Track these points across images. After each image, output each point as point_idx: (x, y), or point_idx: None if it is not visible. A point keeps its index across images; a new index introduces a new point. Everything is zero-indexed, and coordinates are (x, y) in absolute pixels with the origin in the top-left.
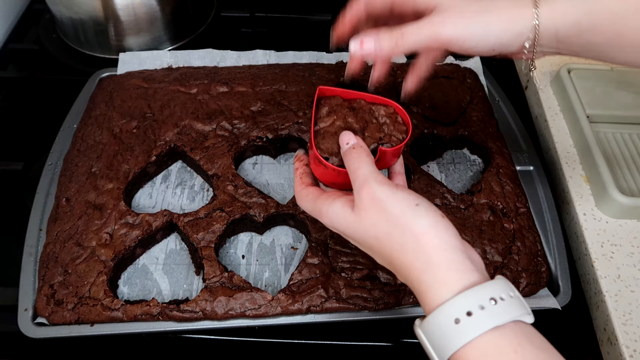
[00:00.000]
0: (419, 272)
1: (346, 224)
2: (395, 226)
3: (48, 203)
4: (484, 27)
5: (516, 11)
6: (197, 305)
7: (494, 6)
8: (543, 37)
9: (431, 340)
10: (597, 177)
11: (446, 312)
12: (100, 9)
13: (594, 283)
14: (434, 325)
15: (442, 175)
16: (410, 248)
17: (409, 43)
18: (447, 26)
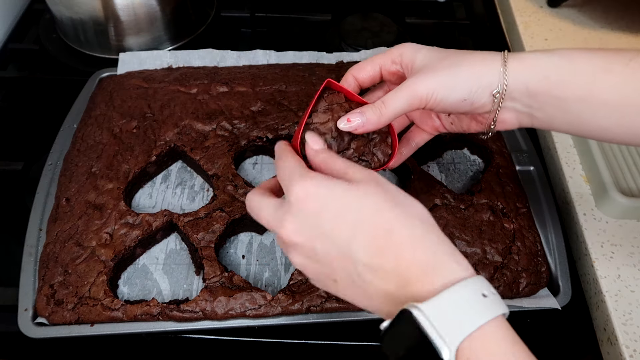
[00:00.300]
0: (425, 250)
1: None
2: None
3: (48, 203)
4: (454, 79)
5: (485, 64)
6: (197, 305)
7: (465, 60)
8: (513, 90)
9: (441, 320)
10: (597, 177)
11: (472, 286)
12: (100, 9)
13: (594, 283)
14: (453, 301)
15: (442, 175)
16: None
17: (392, 109)
18: (421, 83)
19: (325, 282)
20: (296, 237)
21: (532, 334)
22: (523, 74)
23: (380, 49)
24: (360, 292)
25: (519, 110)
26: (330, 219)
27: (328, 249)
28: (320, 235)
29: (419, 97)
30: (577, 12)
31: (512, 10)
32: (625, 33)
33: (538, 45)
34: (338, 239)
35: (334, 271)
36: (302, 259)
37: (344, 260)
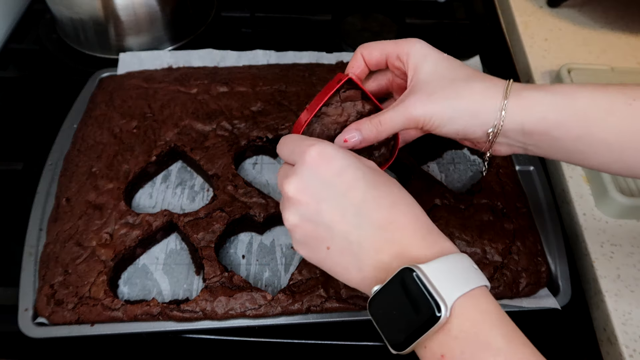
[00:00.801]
0: (423, 225)
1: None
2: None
3: (48, 203)
4: (451, 114)
5: (485, 102)
6: (197, 305)
7: (466, 94)
8: (508, 130)
9: (440, 279)
10: (597, 177)
11: (464, 259)
12: (101, 9)
13: (593, 283)
14: (446, 267)
15: (442, 175)
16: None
17: (388, 128)
18: (418, 108)
19: (316, 247)
20: (301, 196)
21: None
22: (520, 114)
23: None
24: (351, 261)
25: (512, 144)
26: (344, 184)
27: (335, 212)
28: (329, 197)
29: (415, 121)
30: (577, 12)
31: (512, 10)
32: (625, 33)
33: (538, 45)
34: (350, 203)
35: (331, 237)
36: (298, 218)
37: (347, 225)
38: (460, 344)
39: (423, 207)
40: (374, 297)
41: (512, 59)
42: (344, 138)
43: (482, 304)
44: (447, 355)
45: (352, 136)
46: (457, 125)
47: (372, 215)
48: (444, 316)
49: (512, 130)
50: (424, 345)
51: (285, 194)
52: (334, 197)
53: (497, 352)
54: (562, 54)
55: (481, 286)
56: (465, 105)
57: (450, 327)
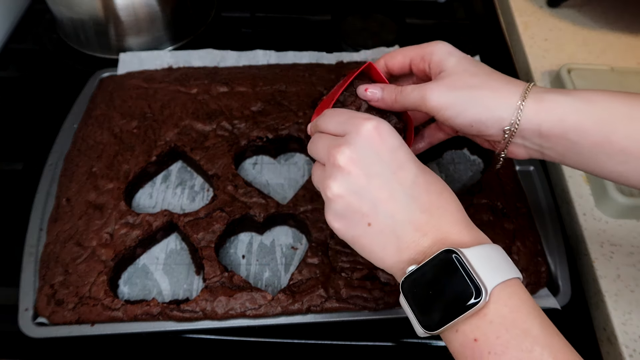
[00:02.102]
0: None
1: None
2: None
3: (48, 203)
4: (467, 103)
5: (503, 96)
6: (197, 305)
7: (485, 86)
8: (525, 129)
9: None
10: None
11: (500, 249)
12: (101, 9)
13: (593, 283)
14: (489, 254)
15: (442, 175)
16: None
17: (404, 101)
18: (435, 94)
19: (355, 222)
20: (353, 166)
21: None
22: (538, 115)
23: (381, 49)
24: (391, 241)
25: (529, 146)
26: (396, 162)
27: (384, 189)
28: (380, 172)
29: (428, 106)
30: (577, 12)
31: (511, 11)
32: (625, 33)
33: (538, 45)
34: (399, 182)
35: (375, 213)
36: (344, 189)
37: (392, 204)
38: (495, 328)
39: None
40: (408, 276)
41: (512, 59)
42: (366, 88)
43: (519, 293)
44: (481, 339)
45: (374, 91)
46: (471, 118)
47: (420, 199)
48: (483, 301)
49: (528, 131)
50: (455, 328)
51: (333, 163)
52: (385, 173)
53: (535, 339)
54: (562, 54)
55: (516, 278)
56: (482, 98)
57: (487, 312)
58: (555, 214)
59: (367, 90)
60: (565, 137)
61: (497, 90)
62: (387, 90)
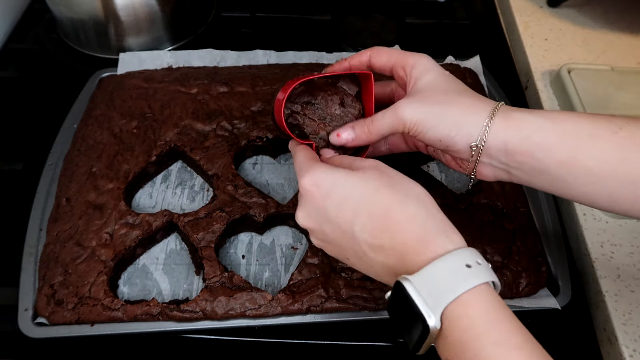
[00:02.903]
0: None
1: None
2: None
3: (48, 203)
4: (437, 118)
5: (472, 113)
6: (197, 305)
7: (456, 102)
8: (492, 147)
9: (427, 290)
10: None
11: (456, 258)
12: (101, 9)
13: (593, 283)
14: (437, 272)
15: (442, 175)
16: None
17: (377, 128)
18: (407, 110)
19: (341, 258)
20: (308, 223)
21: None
22: (506, 132)
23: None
24: (369, 267)
25: (496, 166)
26: (334, 205)
27: (335, 232)
28: (326, 220)
29: (402, 123)
30: (577, 12)
31: (512, 10)
32: (625, 33)
33: (538, 45)
34: (342, 223)
35: (344, 250)
36: (318, 241)
37: (349, 241)
38: (456, 351)
39: None
40: (387, 304)
41: (512, 59)
42: (337, 133)
43: (469, 311)
44: (452, 358)
45: (348, 133)
46: (440, 133)
47: (366, 228)
48: (434, 327)
49: (494, 148)
50: (432, 346)
51: (299, 223)
52: (329, 220)
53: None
54: (562, 54)
55: (476, 287)
56: (451, 114)
57: (447, 334)
58: (555, 214)
59: (340, 136)
60: (531, 155)
61: (467, 107)
62: (358, 126)
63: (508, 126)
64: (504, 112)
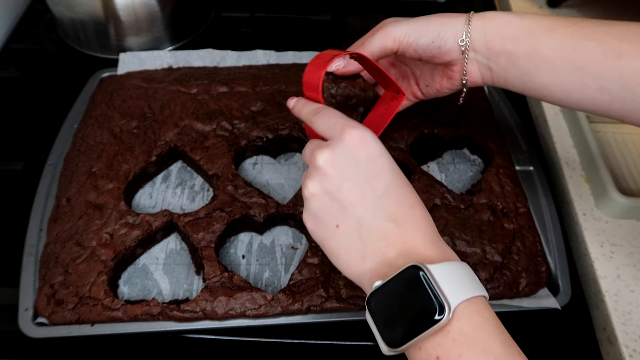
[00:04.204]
0: (434, 232)
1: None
2: None
3: (48, 203)
4: (426, 25)
5: (454, 17)
6: (197, 305)
7: (436, 15)
8: (475, 40)
9: (445, 283)
10: (596, 177)
11: (467, 268)
12: (101, 9)
13: (593, 283)
14: (452, 271)
15: (442, 175)
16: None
17: (369, 49)
18: (396, 28)
19: (325, 222)
20: (329, 168)
21: (532, 334)
22: (483, 27)
23: None
24: (356, 246)
25: (480, 61)
26: (374, 169)
27: (355, 192)
28: (355, 176)
29: (392, 38)
30: (577, 12)
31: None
32: None
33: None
34: (371, 188)
35: (344, 216)
36: (319, 189)
37: (362, 209)
38: (458, 346)
39: None
40: (375, 291)
41: None
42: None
43: (482, 311)
44: (443, 357)
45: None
46: (431, 35)
47: (389, 208)
48: (446, 318)
49: (477, 42)
50: (418, 346)
51: (313, 164)
52: (359, 178)
53: (496, 358)
54: None
55: (481, 296)
56: (437, 20)
57: (450, 330)
58: (555, 214)
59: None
60: (504, 47)
61: (446, 15)
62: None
63: (484, 22)
64: (479, 14)
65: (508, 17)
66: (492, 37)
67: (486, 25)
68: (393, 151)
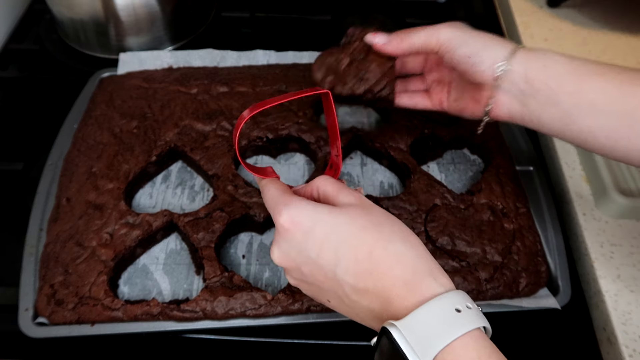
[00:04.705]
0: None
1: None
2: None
3: (48, 203)
4: (469, 39)
5: (500, 41)
6: (197, 305)
7: (485, 34)
8: (514, 71)
9: (415, 336)
10: (596, 177)
11: (445, 302)
12: (101, 9)
13: (593, 283)
14: (426, 318)
15: (442, 175)
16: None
17: (411, 40)
18: (442, 30)
19: (321, 300)
20: (284, 262)
21: (532, 334)
22: (527, 60)
23: None
24: (350, 310)
25: (514, 95)
26: (315, 245)
27: (315, 273)
28: (306, 260)
29: (437, 38)
30: (577, 12)
31: (511, 11)
32: (625, 33)
33: (538, 45)
34: (324, 264)
35: (324, 292)
36: (294, 280)
37: (331, 283)
38: None
39: (423, 207)
40: (373, 350)
41: None
42: (374, 32)
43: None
44: None
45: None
46: (470, 49)
47: (350, 270)
48: None
49: (517, 73)
50: None
51: (274, 260)
52: (310, 260)
53: None
54: None
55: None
56: (481, 38)
57: None
58: (555, 214)
59: (374, 34)
60: (546, 83)
61: (497, 39)
62: (392, 34)
63: (529, 56)
64: (528, 48)
65: (556, 55)
66: (535, 72)
67: (531, 59)
68: (393, 151)
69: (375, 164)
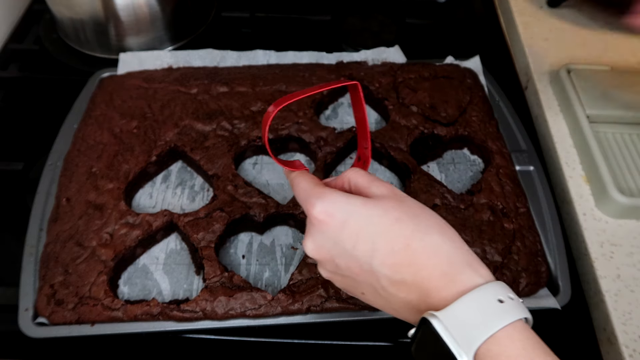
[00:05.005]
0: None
1: (358, 205)
2: None
3: (48, 203)
4: None
5: None
6: (197, 305)
7: None
8: None
9: (458, 327)
10: (596, 177)
11: (487, 292)
12: (101, 9)
13: (593, 283)
14: (468, 309)
15: (442, 175)
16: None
17: None
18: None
19: (355, 293)
20: (319, 255)
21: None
22: None
23: (381, 49)
24: (386, 303)
25: None
26: (350, 237)
27: (350, 265)
28: (341, 253)
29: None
30: (577, 12)
31: (511, 11)
32: (625, 33)
33: (538, 45)
34: (359, 256)
35: (359, 285)
36: (328, 273)
37: (367, 275)
38: None
39: None
40: (410, 341)
41: (512, 59)
42: None
43: (508, 349)
44: None
45: None
46: None
47: (386, 262)
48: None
49: None
50: None
51: (307, 253)
52: (345, 252)
53: None
54: (562, 54)
55: (511, 323)
56: None
57: None
58: (555, 214)
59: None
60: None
61: None
62: None
63: None
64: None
65: None
66: None
67: None
68: (393, 151)
69: (375, 164)
